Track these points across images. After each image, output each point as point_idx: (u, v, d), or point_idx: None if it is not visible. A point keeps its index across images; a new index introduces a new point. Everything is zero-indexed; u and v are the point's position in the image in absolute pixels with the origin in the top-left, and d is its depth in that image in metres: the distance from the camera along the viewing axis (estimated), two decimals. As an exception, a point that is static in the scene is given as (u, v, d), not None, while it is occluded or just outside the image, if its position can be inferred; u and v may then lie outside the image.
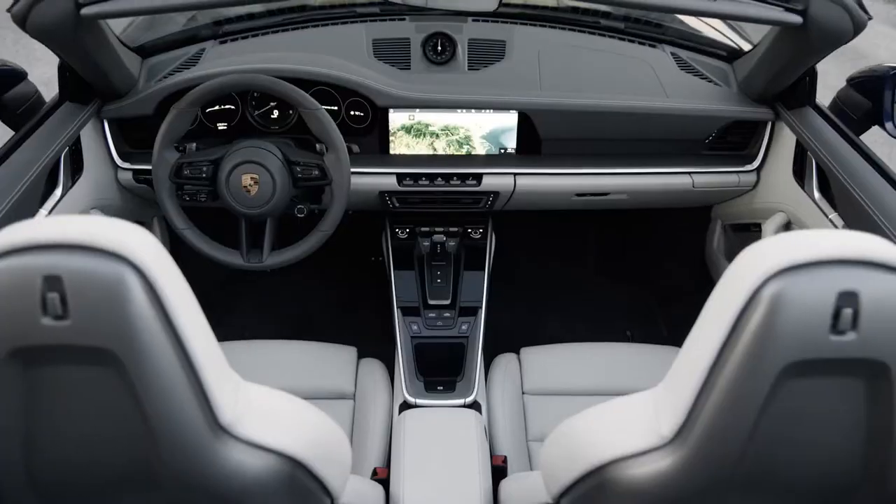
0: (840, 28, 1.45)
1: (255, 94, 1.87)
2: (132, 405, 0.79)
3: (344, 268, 2.42)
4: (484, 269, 2.01)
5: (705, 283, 2.35)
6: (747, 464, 0.85)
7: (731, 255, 2.21)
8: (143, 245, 0.78)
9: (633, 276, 2.65)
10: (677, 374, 0.89)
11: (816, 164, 1.73)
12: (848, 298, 0.77)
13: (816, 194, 1.73)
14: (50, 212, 1.62)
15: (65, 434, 0.82)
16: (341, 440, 1.05)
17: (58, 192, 1.67)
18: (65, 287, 0.74)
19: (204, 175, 1.69)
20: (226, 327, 2.33)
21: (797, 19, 1.41)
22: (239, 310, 2.48)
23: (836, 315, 0.77)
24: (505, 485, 1.41)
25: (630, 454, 0.91)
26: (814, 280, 0.77)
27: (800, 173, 1.81)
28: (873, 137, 1.82)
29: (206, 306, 0.86)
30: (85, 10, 1.38)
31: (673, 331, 2.42)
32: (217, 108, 1.88)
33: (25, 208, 1.52)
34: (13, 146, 1.59)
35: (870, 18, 1.43)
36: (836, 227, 1.64)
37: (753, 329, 0.78)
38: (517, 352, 1.89)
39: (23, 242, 0.75)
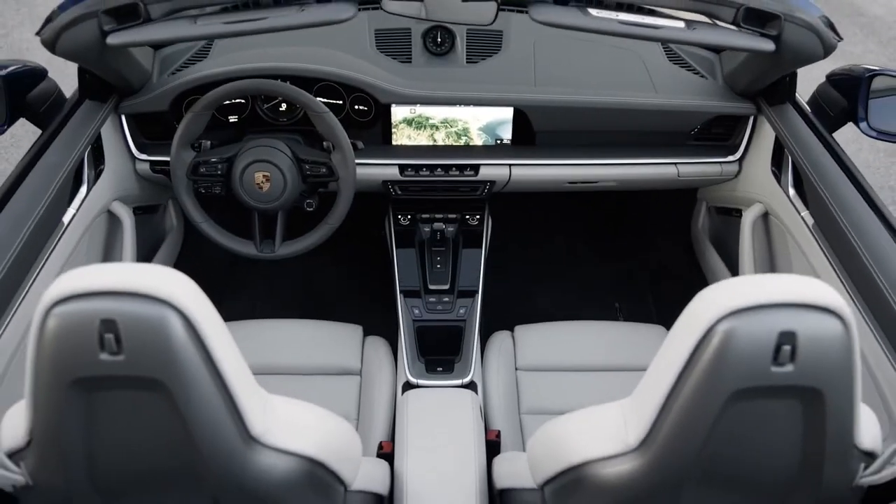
0: (811, 51, 1.55)
1: None
2: (178, 423, 0.94)
3: (350, 248, 2.54)
4: (481, 255, 2.14)
5: (691, 262, 2.49)
6: (700, 468, 1.00)
7: (714, 236, 2.34)
8: (183, 290, 0.92)
9: (624, 252, 2.77)
10: (643, 392, 1.03)
11: (792, 161, 1.84)
12: (787, 336, 0.91)
13: (791, 191, 1.85)
14: (77, 209, 1.74)
15: (121, 446, 0.97)
16: (353, 439, 1.20)
17: (83, 189, 1.79)
18: (119, 328, 0.88)
19: (219, 172, 1.81)
20: (238, 302, 2.47)
21: (770, 47, 1.51)
22: (250, 287, 2.61)
23: (777, 350, 0.91)
24: (497, 463, 1.56)
25: (601, 457, 1.06)
26: (758, 321, 0.91)
27: (777, 168, 1.93)
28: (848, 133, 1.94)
29: (218, 284, 0.99)
30: (111, 40, 1.48)
31: (659, 307, 2.55)
32: (228, 102, 1.99)
33: (57, 209, 1.64)
34: (41, 149, 1.70)
35: (840, 40, 1.53)
36: (807, 224, 1.76)
37: (707, 360, 0.92)
38: (511, 329, 2.03)
39: (83, 289, 0.89)
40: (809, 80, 2.02)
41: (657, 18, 1.48)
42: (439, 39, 2.04)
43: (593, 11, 1.46)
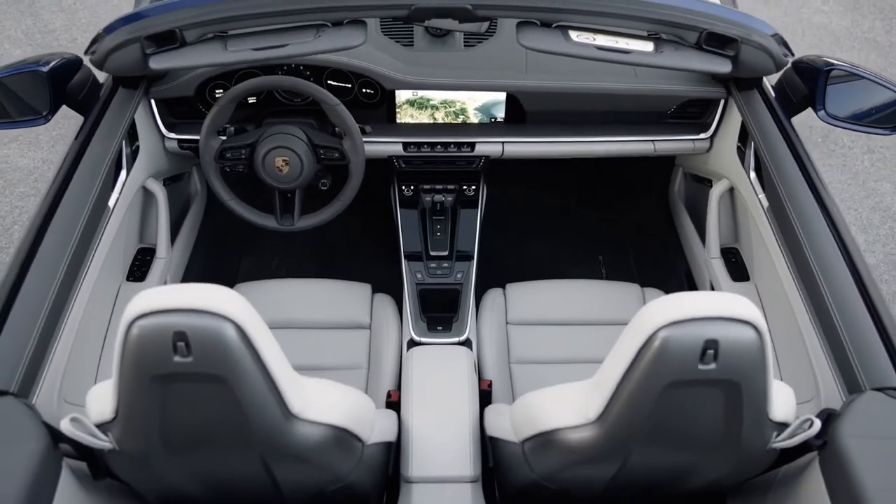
0: (764, 68, 1.76)
1: None
2: (234, 406, 1.21)
3: (358, 211, 2.77)
4: (476, 220, 2.37)
5: (668, 222, 2.72)
6: (643, 436, 1.28)
7: (688, 201, 2.57)
8: (236, 306, 1.17)
9: (609, 210, 3.00)
10: (600, 378, 1.29)
11: (754, 146, 2.05)
12: (711, 343, 1.17)
13: (752, 174, 2.07)
14: (120, 193, 1.97)
15: (189, 422, 1.25)
16: (369, 408, 1.48)
17: (123, 174, 2.01)
18: (188, 338, 1.14)
19: (243, 156, 2.03)
20: (257, 257, 2.73)
21: (727, 69, 1.72)
22: (267, 243, 2.84)
23: (703, 353, 1.17)
24: (488, 413, 1.84)
25: (567, 426, 1.34)
26: (689, 330, 1.17)
27: (742, 150, 2.14)
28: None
29: (239, 241, 1.23)
30: (153, 65, 1.69)
31: (638, 262, 2.80)
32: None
33: (104, 194, 1.87)
34: (87, 137, 1.92)
35: (791, 56, 1.73)
36: (762, 206, 1.99)
37: (648, 358, 1.19)
38: (503, 287, 2.29)
39: (159, 307, 1.14)
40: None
41: (630, 41, 1.67)
42: None
43: (573, 34, 1.65)
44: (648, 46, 1.68)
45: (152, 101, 2.18)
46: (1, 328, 1.49)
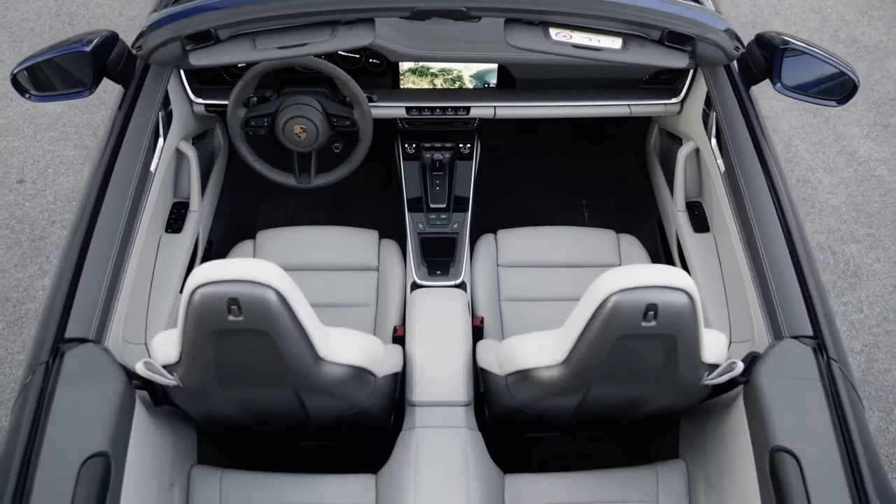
0: (717, 60, 2.02)
1: None
2: (275, 353, 1.54)
3: (366, 163, 3.05)
4: (471, 172, 2.66)
5: (644, 172, 3.01)
6: (600, 374, 1.62)
7: (661, 155, 2.86)
8: (276, 276, 1.48)
9: (594, 158, 3.27)
10: (566, 330, 1.62)
11: (715, 115, 2.32)
12: (652, 306, 1.49)
13: (713, 140, 2.35)
14: (159, 158, 2.25)
15: (239, 364, 1.58)
16: (380, 349, 1.81)
17: (160, 141, 2.29)
18: (239, 302, 1.46)
19: (265, 124, 2.31)
20: (275, 202, 3.02)
21: (684, 63, 1.98)
22: (284, 194, 3.11)
23: (646, 313, 1.49)
24: (479, 347, 2.18)
25: (540, 366, 1.68)
26: (634, 296, 1.49)
27: (705, 117, 2.41)
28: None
29: (259, 189, 1.56)
30: (193, 61, 1.95)
31: (619, 207, 3.09)
32: None
33: (147, 161, 2.15)
34: (129, 110, 2.18)
35: (743, 48, 1.99)
36: (720, 170, 2.27)
37: (602, 317, 1.51)
38: (495, 233, 2.60)
39: (216, 278, 1.46)
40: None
41: (602, 37, 1.93)
42: None
43: (552, 32, 1.91)
44: (617, 43, 1.94)
45: (181, 71, 2.43)
46: (76, 285, 1.81)
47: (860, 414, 1.69)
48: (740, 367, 1.65)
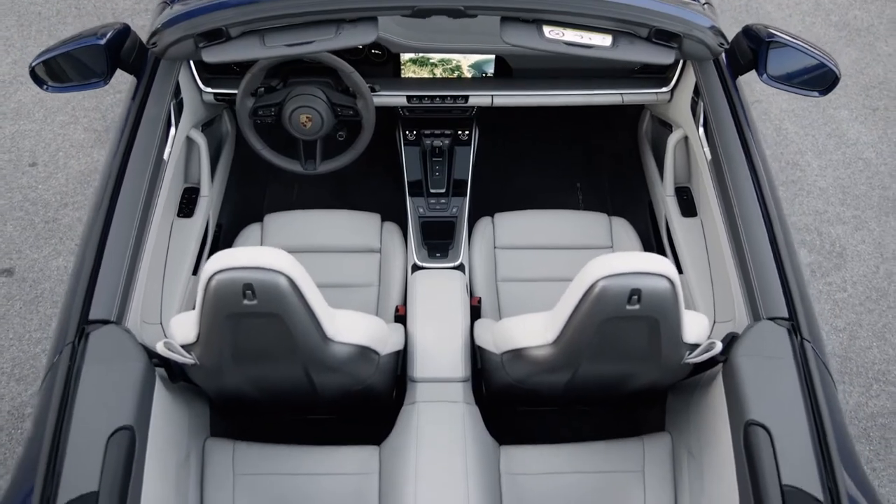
0: (702, 56, 2.12)
1: None
2: (286, 333, 1.67)
3: (369, 148, 3.15)
4: (469, 156, 2.77)
5: (637, 156, 3.11)
6: (589, 353, 1.74)
7: (653, 141, 2.96)
8: (287, 263, 1.60)
9: (589, 139, 3.37)
10: (557, 312, 1.74)
11: (703, 105, 2.42)
12: (635, 290, 1.61)
13: (700, 129, 2.45)
14: (171, 147, 2.36)
15: (252, 346, 1.70)
16: (383, 327, 1.94)
17: (172, 130, 2.39)
18: (253, 287, 1.58)
19: (272, 113, 2.41)
20: (281, 185, 3.13)
21: (670, 59, 2.08)
22: (289, 177, 3.21)
23: (630, 298, 1.61)
24: (477, 326, 2.30)
25: (532, 346, 1.80)
26: (620, 281, 1.61)
27: (694, 106, 2.51)
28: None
29: (265, 172, 1.73)
30: (206, 58, 2.05)
31: (612, 189, 3.20)
32: None
33: (161, 149, 2.25)
34: (142, 100, 2.29)
35: (727, 44, 2.09)
36: (707, 158, 2.37)
37: (590, 300, 1.63)
38: (492, 216, 2.71)
39: (231, 265, 1.58)
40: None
41: (592, 35, 2.03)
42: None
43: (546, 29, 2.01)
44: (607, 40, 2.04)
45: (191, 62, 2.53)
46: (98, 270, 1.92)
47: (830, 390, 1.82)
48: (719, 346, 1.78)
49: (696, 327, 1.77)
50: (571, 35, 2.00)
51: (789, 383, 1.74)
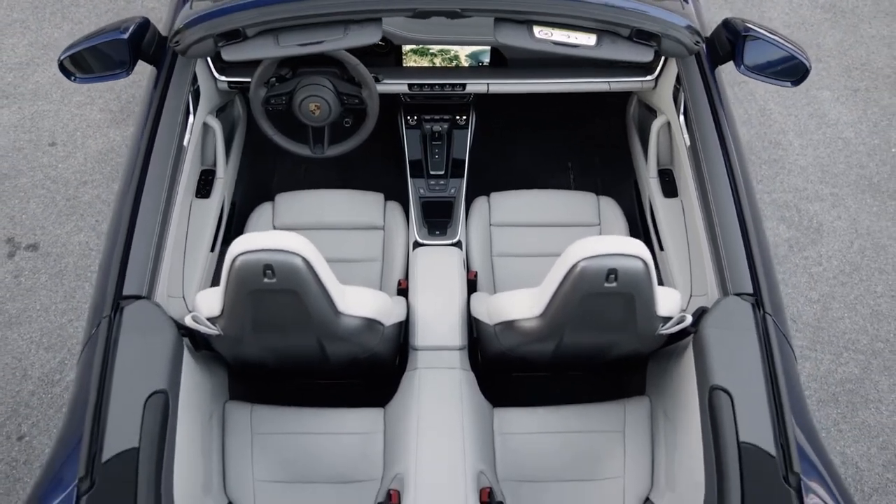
0: (679, 53, 2.30)
1: None
2: (302, 308, 1.87)
3: (374, 136, 3.29)
4: (467, 139, 2.96)
5: (625, 138, 3.30)
6: (572, 324, 1.95)
7: (639, 124, 3.14)
8: (303, 245, 1.80)
9: (581, 121, 3.55)
10: (543, 288, 1.94)
11: (683, 94, 2.60)
12: (612, 270, 1.81)
13: (681, 118, 2.63)
14: (190, 134, 2.54)
15: (271, 319, 1.91)
16: (387, 301, 2.14)
17: (191, 118, 2.57)
18: (273, 267, 1.78)
19: (283, 102, 2.59)
20: (290, 166, 3.32)
21: (649, 57, 2.26)
22: (298, 158, 3.39)
23: (608, 276, 1.81)
24: (473, 299, 2.50)
25: (521, 318, 2.01)
26: (599, 262, 1.81)
27: (676, 93, 2.69)
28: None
29: (274, 154, 2.05)
30: (225, 56, 2.23)
31: (602, 169, 3.39)
32: None
33: (182, 137, 2.44)
34: (163, 92, 2.46)
35: (703, 42, 2.26)
36: (686, 144, 2.56)
37: (572, 279, 1.83)
38: (488, 195, 2.90)
39: (253, 248, 1.78)
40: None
41: (579, 34, 2.21)
42: None
43: (536, 30, 2.19)
44: (592, 40, 2.22)
45: None
46: (129, 249, 2.12)
47: (789, 360, 2.02)
48: (689, 319, 1.99)
49: (668, 302, 1.97)
50: (559, 35, 2.18)
51: (751, 353, 1.95)
